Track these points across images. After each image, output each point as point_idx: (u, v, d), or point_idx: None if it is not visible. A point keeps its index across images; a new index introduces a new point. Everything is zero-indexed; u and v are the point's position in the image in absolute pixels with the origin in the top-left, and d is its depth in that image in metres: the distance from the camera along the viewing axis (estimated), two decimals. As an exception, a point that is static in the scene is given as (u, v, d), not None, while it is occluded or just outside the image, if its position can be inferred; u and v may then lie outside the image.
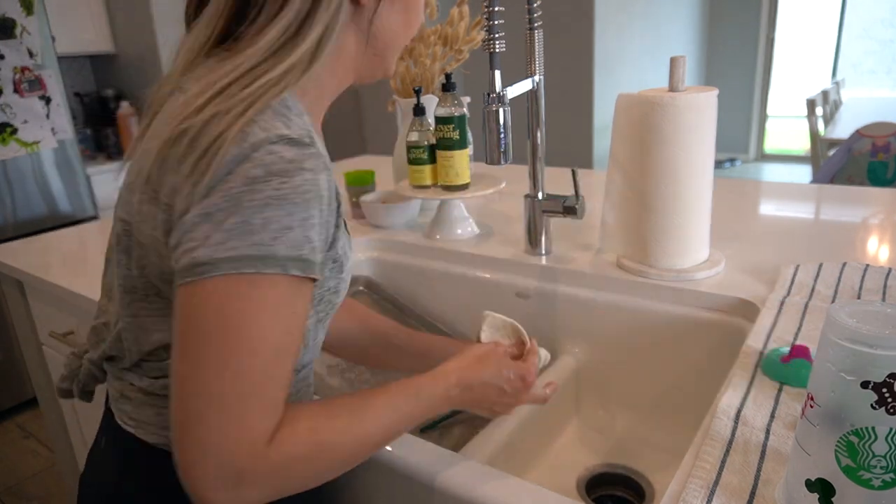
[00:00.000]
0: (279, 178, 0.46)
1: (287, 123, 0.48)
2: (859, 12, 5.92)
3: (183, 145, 0.48)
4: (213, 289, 0.45)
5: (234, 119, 0.46)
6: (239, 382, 0.45)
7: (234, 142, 0.46)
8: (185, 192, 0.47)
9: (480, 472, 0.60)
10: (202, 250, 0.45)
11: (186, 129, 0.47)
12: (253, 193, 0.45)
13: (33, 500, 2.01)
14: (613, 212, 0.98)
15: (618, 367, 0.99)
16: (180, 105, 0.50)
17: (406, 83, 1.27)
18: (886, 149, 2.77)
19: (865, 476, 0.42)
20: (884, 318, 0.41)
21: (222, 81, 0.49)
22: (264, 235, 0.45)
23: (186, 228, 0.46)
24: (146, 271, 0.54)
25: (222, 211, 0.45)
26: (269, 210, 0.45)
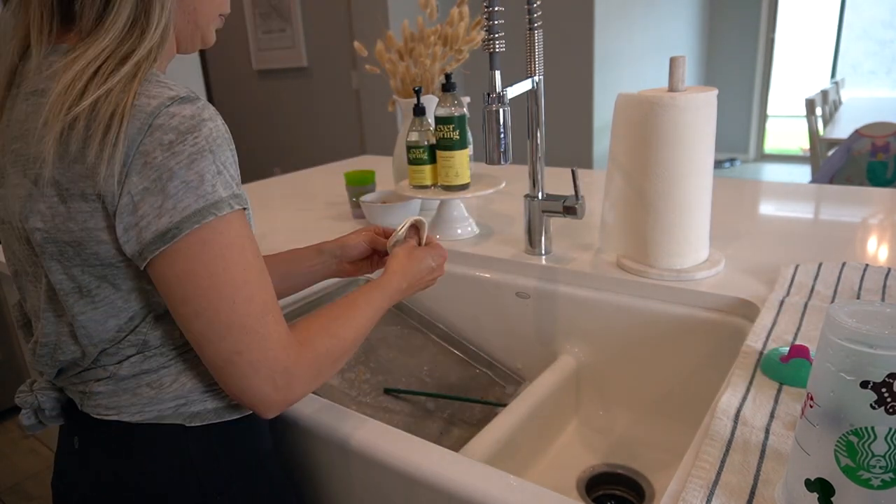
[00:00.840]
0: (191, 135, 0.50)
1: (168, 86, 0.52)
2: (859, 13, 5.93)
3: (79, 133, 0.49)
4: (187, 247, 0.51)
5: (120, 96, 0.49)
6: (251, 306, 0.53)
7: (132, 115, 0.49)
8: (104, 175, 0.50)
9: (480, 472, 0.60)
10: (162, 220, 0.50)
11: (77, 116, 0.49)
12: (176, 156, 0.50)
13: (33, 500, 2.01)
14: (613, 212, 0.99)
15: (618, 367, 0.99)
16: (56, 96, 0.50)
17: (406, 83, 1.27)
18: (886, 149, 2.77)
19: (865, 476, 0.42)
20: (883, 318, 0.41)
21: (92, 66, 0.50)
22: (205, 186, 0.51)
23: (132, 209, 0.50)
24: (88, 265, 0.54)
25: (157, 180, 0.50)
26: (196, 164, 0.50)
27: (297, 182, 1.80)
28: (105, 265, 0.54)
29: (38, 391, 0.64)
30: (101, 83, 0.50)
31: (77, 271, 0.55)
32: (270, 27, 4.21)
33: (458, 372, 1.09)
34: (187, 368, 0.61)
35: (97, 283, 0.55)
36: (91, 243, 0.53)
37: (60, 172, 0.51)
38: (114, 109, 0.49)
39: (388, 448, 0.65)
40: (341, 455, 0.70)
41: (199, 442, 0.61)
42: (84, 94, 0.50)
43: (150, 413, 0.60)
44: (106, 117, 0.49)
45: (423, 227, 0.83)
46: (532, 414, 0.90)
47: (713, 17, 5.74)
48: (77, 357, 0.59)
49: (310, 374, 0.58)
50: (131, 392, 0.59)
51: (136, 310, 0.58)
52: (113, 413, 0.60)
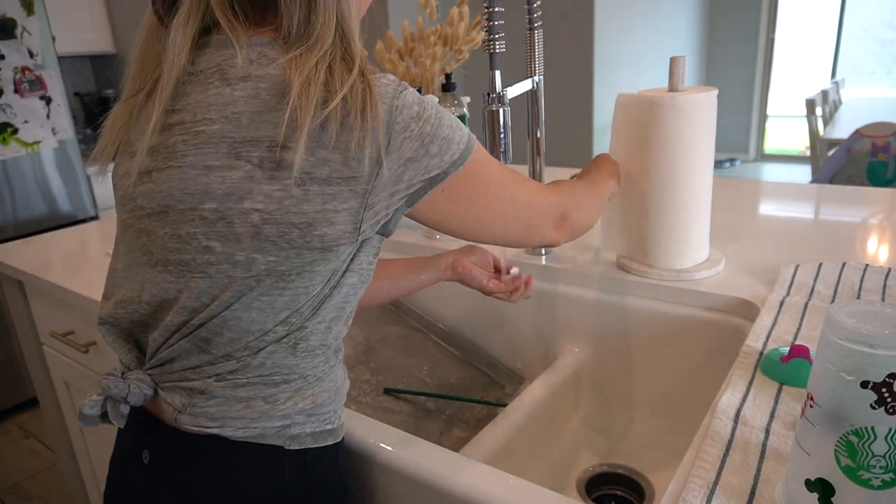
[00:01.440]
0: (420, 106, 0.57)
1: (384, 76, 0.57)
2: (859, 13, 5.92)
3: (335, 124, 0.52)
4: (468, 173, 0.60)
5: (362, 92, 0.54)
6: (522, 191, 0.68)
7: (379, 103, 0.54)
8: (357, 156, 0.53)
9: (480, 472, 0.60)
10: (433, 171, 0.57)
11: (328, 116, 0.52)
12: (427, 122, 0.56)
13: (33, 500, 2.01)
14: (613, 212, 0.99)
15: (618, 367, 0.99)
16: (300, 89, 0.52)
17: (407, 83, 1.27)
18: (886, 149, 2.77)
19: (865, 476, 0.42)
20: (883, 318, 0.41)
21: (322, 65, 0.54)
22: (457, 131, 0.59)
23: (395, 179, 0.56)
24: (307, 248, 0.54)
25: (421, 146, 0.56)
26: (442, 122, 0.57)
27: (297, 182, 1.80)
28: (323, 248, 0.55)
29: (133, 380, 0.59)
30: (341, 81, 0.53)
31: (292, 254, 0.54)
32: (270, 27, 4.21)
33: (458, 372, 1.09)
34: (304, 388, 0.59)
35: (300, 269, 0.55)
36: (322, 224, 0.54)
37: (304, 158, 0.52)
38: (363, 97, 0.53)
39: (388, 448, 0.65)
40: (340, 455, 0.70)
41: (296, 466, 0.60)
42: (328, 86, 0.53)
43: (255, 430, 0.58)
44: (359, 105, 0.53)
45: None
46: (532, 414, 0.90)
47: (713, 17, 5.74)
48: (218, 346, 0.56)
49: (579, 213, 0.77)
50: (245, 403, 0.57)
51: (308, 303, 0.57)
52: (215, 426, 0.57)
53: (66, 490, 1.99)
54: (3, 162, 2.33)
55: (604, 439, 0.99)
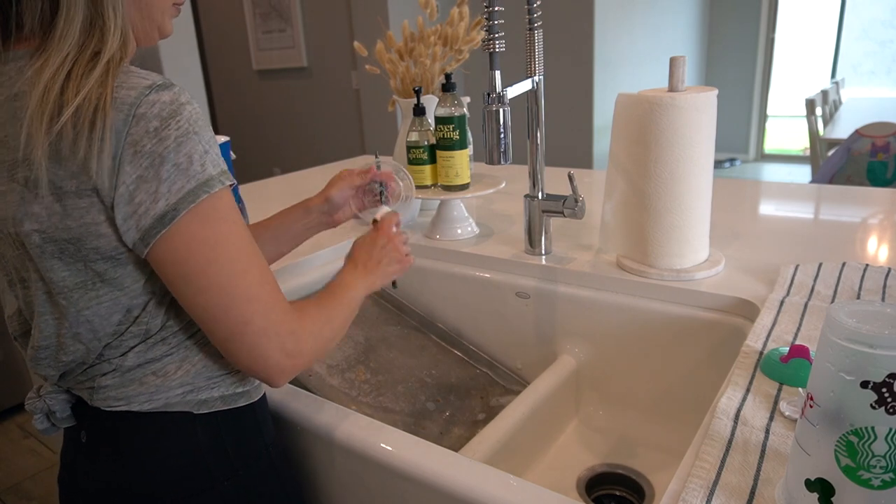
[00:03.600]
0: (174, 119, 0.52)
1: (141, 76, 0.54)
2: (859, 13, 5.93)
3: (67, 133, 0.51)
4: (186, 226, 0.53)
5: (99, 91, 0.51)
6: (250, 277, 0.56)
7: (114, 109, 0.51)
8: (95, 169, 0.51)
9: (480, 472, 0.60)
10: (159, 204, 0.52)
11: (62, 118, 0.51)
12: (164, 141, 0.52)
13: (33, 500, 2.01)
14: (613, 212, 0.99)
15: (618, 367, 0.99)
16: (36, 101, 0.51)
17: (406, 83, 1.27)
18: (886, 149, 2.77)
19: (865, 476, 0.42)
20: (883, 318, 0.41)
21: (63, 70, 0.52)
22: (195, 167, 0.53)
23: (128, 198, 0.52)
24: (89, 260, 0.55)
25: (150, 167, 0.52)
26: (183, 146, 0.53)
27: (297, 182, 1.80)
28: (106, 258, 0.55)
29: (45, 395, 0.64)
30: (78, 84, 0.51)
31: (80, 266, 0.56)
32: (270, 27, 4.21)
33: (458, 372, 1.09)
34: (191, 355, 0.62)
35: (99, 278, 0.56)
36: (90, 238, 0.54)
37: (53, 172, 0.52)
38: (96, 105, 0.50)
39: (388, 448, 0.65)
40: (341, 454, 0.71)
41: (207, 429, 0.63)
42: (63, 95, 0.51)
43: (159, 401, 0.61)
44: (90, 114, 0.50)
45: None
46: (532, 414, 0.90)
47: (713, 17, 5.74)
48: (80, 355, 0.60)
49: (314, 337, 0.62)
50: (138, 381, 0.60)
51: (138, 300, 0.58)
52: (122, 404, 0.61)
53: (66, 490, 1.99)
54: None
55: (604, 439, 0.99)
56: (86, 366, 0.61)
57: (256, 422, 0.68)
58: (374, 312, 1.14)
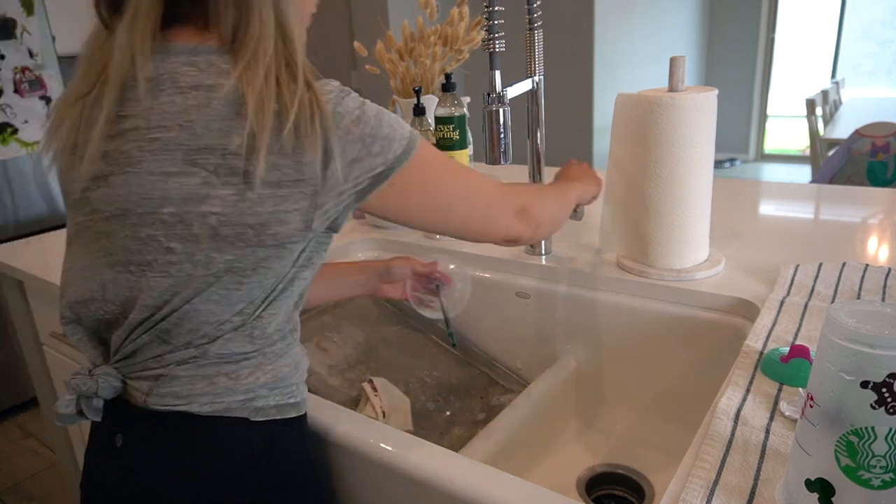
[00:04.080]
0: (364, 106, 0.61)
1: (327, 82, 0.61)
2: (859, 13, 5.92)
3: (287, 140, 0.56)
4: (414, 165, 0.63)
5: (310, 103, 0.57)
6: (473, 178, 0.70)
7: (326, 113, 0.58)
8: (317, 164, 0.57)
9: (480, 472, 0.60)
10: (378, 168, 0.61)
11: (281, 128, 0.56)
12: (366, 123, 0.60)
13: (33, 500, 2.01)
14: (613, 211, 0.99)
15: (618, 367, 0.99)
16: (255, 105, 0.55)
17: (406, 83, 1.27)
18: (886, 149, 2.77)
19: (865, 476, 0.42)
20: (884, 318, 0.41)
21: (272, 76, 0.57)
22: (398, 129, 0.62)
23: (342, 179, 0.59)
24: (261, 245, 0.58)
25: (363, 148, 0.59)
26: (382, 121, 0.61)
27: (297, 182, 1.80)
28: (277, 245, 0.58)
29: (100, 376, 0.61)
30: (290, 93, 0.56)
31: (248, 251, 0.57)
32: (270, 27, 4.21)
33: (458, 372, 1.09)
34: (265, 363, 0.62)
35: (255, 265, 0.58)
36: (275, 224, 0.57)
37: (265, 167, 0.56)
38: (311, 111, 0.56)
39: (388, 448, 0.65)
40: (340, 455, 0.71)
41: (262, 436, 0.63)
42: (279, 101, 0.56)
43: (220, 405, 0.61)
44: (308, 118, 0.56)
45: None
46: (532, 414, 0.90)
47: (713, 17, 5.73)
48: (177, 337, 0.59)
49: (541, 212, 0.77)
50: (208, 380, 0.60)
51: (263, 295, 0.60)
52: (182, 403, 0.60)
53: (66, 490, 1.99)
54: (3, 162, 2.33)
55: (604, 439, 0.99)
56: (170, 348, 0.59)
57: (303, 435, 0.67)
58: (374, 312, 1.14)
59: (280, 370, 0.63)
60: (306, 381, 0.68)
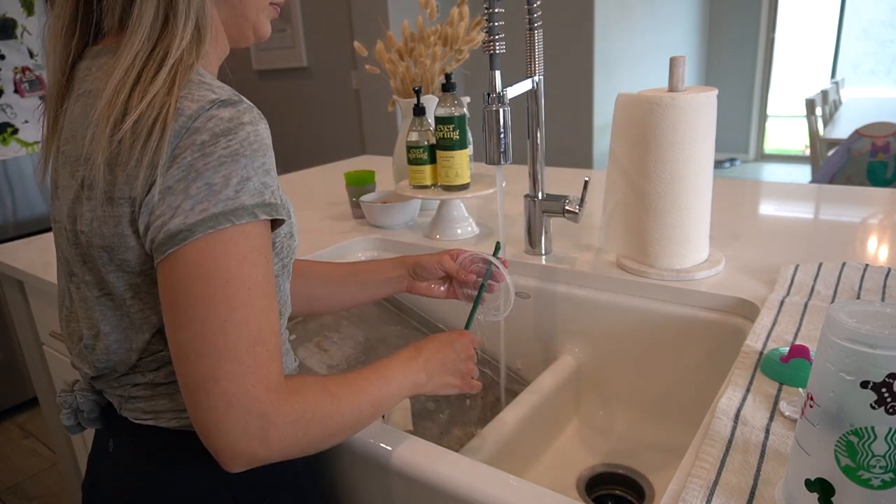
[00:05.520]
0: (225, 138, 0.49)
1: (212, 89, 0.51)
2: (859, 13, 5.92)
3: (126, 140, 0.49)
4: (195, 252, 0.48)
5: (164, 100, 0.49)
6: (243, 332, 0.48)
7: (173, 119, 0.48)
8: (142, 179, 0.49)
9: (480, 472, 0.60)
10: (175, 220, 0.48)
11: (120, 138, 0.49)
12: (206, 157, 0.48)
13: (33, 500, 2.01)
14: (613, 212, 0.98)
15: (618, 367, 0.99)
16: (103, 105, 0.50)
17: (406, 83, 1.27)
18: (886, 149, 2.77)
19: (865, 476, 0.42)
20: (884, 318, 0.41)
21: (132, 72, 0.50)
22: (228, 191, 0.48)
23: (152, 207, 0.49)
24: (122, 271, 0.53)
25: (182, 180, 0.48)
26: (224, 168, 0.48)
27: (297, 182, 1.80)
28: (135, 273, 0.53)
29: (78, 392, 0.63)
30: (144, 91, 0.49)
31: (113, 277, 0.54)
32: (270, 27, 4.21)
33: (458, 372, 1.09)
34: None
35: (131, 293, 0.54)
36: (121, 249, 0.52)
37: (109, 178, 0.51)
38: (156, 115, 0.48)
39: (388, 448, 0.65)
40: (340, 455, 0.70)
41: None
42: (129, 101, 0.49)
43: (186, 420, 0.59)
44: (149, 124, 0.48)
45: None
46: (532, 414, 0.90)
47: (713, 17, 5.73)
48: (113, 363, 0.59)
49: (291, 430, 0.50)
50: (169, 397, 0.59)
51: None
52: (150, 418, 0.60)
53: (67, 490, 1.99)
54: (3, 162, 2.33)
55: (604, 439, 0.99)
56: (119, 373, 0.60)
57: None
58: (373, 312, 1.14)
59: None
60: None
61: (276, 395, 0.49)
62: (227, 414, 0.47)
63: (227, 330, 0.48)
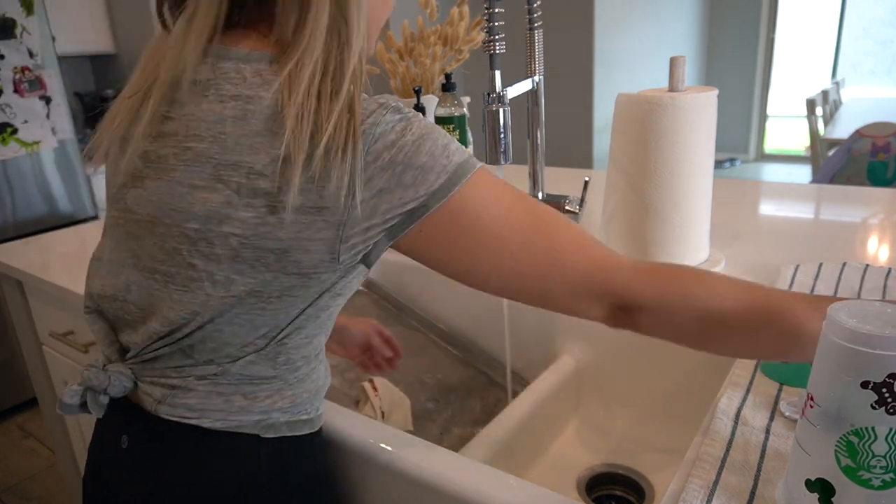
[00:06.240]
0: (408, 129, 0.52)
1: (374, 99, 0.54)
2: (859, 13, 5.92)
3: (320, 160, 0.50)
4: (454, 207, 0.53)
5: (348, 118, 0.51)
6: (532, 248, 0.54)
7: (360, 137, 0.51)
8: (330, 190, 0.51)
9: (480, 472, 0.60)
10: (409, 204, 0.52)
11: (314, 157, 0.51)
12: (401, 150, 0.52)
13: (33, 500, 2.01)
14: (613, 212, 0.98)
15: (618, 367, 0.99)
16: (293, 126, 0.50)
17: (406, 83, 1.27)
18: (886, 149, 2.77)
19: (865, 476, 0.42)
20: (884, 317, 0.41)
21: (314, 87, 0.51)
22: (439, 159, 0.53)
23: (370, 213, 0.52)
24: (284, 272, 0.54)
25: (392, 177, 0.52)
26: (421, 148, 0.52)
27: (297, 182, 1.80)
28: (301, 274, 0.54)
29: (113, 372, 0.61)
30: (329, 108, 0.51)
31: (269, 277, 0.54)
32: (270, 27, 4.21)
33: (458, 372, 1.09)
34: (285, 388, 0.60)
35: (280, 293, 0.55)
36: (297, 252, 0.53)
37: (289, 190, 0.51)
38: (346, 137, 0.50)
39: (388, 448, 0.65)
40: (340, 455, 0.70)
41: (271, 453, 0.61)
42: (316, 119, 0.50)
43: (233, 422, 0.59)
44: (341, 143, 0.50)
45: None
46: (532, 414, 0.90)
47: (713, 17, 5.74)
48: (199, 354, 0.58)
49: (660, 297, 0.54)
50: (225, 398, 0.59)
51: (288, 320, 0.57)
52: (194, 416, 0.59)
53: (67, 490, 1.99)
54: (3, 162, 2.33)
55: (604, 439, 0.99)
56: (192, 362, 0.58)
57: (314, 451, 0.66)
58: (373, 313, 1.14)
59: (300, 395, 0.62)
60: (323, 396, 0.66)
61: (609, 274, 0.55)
62: (584, 303, 0.56)
63: (520, 256, 0.54)
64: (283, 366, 0.59)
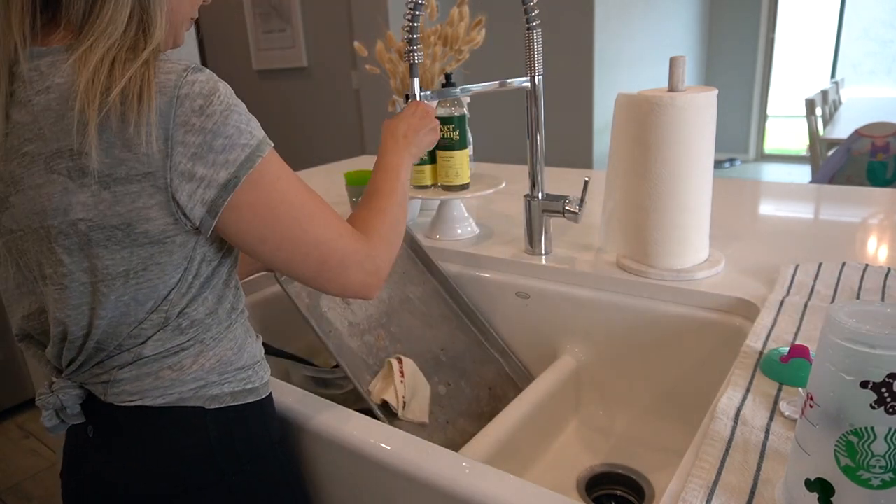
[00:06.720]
0: (214, 96, 0.55)
1: (176, 62, 0.56)
2: (859, 13, 5.92)
3: (116, 115, 0.53)
4: (248, 191, 0.57)
5: (143, 73, 0.54)
6: (316, 220, 0.62)
7: (158, 92, 0.53)
8: (145, 152, 0.53)
9: (481, 472, 0.60)
10: (220, 174, 0.56)
11: (108, 109, 0.53)
12: (211, 117, 0.55)
13: (33, 500, 2.01)
14: (613, 212, 0.99)
15: (618, 367, 0.99)
16: (85, 86, 0.52)
17: (406, 83, 1.27)
18: (886, 149, 2.77)
19: (865, 476, 0.42)
20: (883, 317, 0.41)
21: (108, 58, 0.54)
22: (244, 135, 0.57)
23: (188, 176, 0.55)
24: (137, 245, 0.57)
25: (203, 143, 0.55)
26: (230, 119, 0.56)
27: (297, 182, 1.80)
28: (154, 242, 0.57)
29: (58, 391, 0.64)
30: (122, 70, 0.53)
31: (125, 254, 0.57)
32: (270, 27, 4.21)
33: (472, 353, 1.07)
34: (206, 349, 0.64)
35: (143, 265, 0.58)
36: (140, 222, 0.56)
37: (100, 160, 0.53)
38: (141, 85, 0.53)
39: (388, 448, 0.65)
40: (340, 454, 0.71)
41: (218, 424, 0.65)
42: (110, 79, 0.53)
43: (172, 396, 0.63)
44: (137, 90, 0.52)
45: None
46: (532, 414, 0.90)
47: (713, 17, 5.74)
48: (106, 343, 0.61)
49: (386, 246, 0.69)
50: (154, 375, 0.62)
51: (169, 288, 0.60)
52: (136, 398, 0.62)
53: (66, 490, 1.98)
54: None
55: (604, 439, 0.99)
56: (104, 356, 0.61)
57: (264, 419, 0.69)
58: (400, 267, 1.11)
59: (223, 354, 0.65)
60: (260, 363, 0.69)
61: (361, 239, 0.65)
62: (348, 273, 0.64)
63: (307, 227, 0.61)
64: (191, 329, 0.62)
